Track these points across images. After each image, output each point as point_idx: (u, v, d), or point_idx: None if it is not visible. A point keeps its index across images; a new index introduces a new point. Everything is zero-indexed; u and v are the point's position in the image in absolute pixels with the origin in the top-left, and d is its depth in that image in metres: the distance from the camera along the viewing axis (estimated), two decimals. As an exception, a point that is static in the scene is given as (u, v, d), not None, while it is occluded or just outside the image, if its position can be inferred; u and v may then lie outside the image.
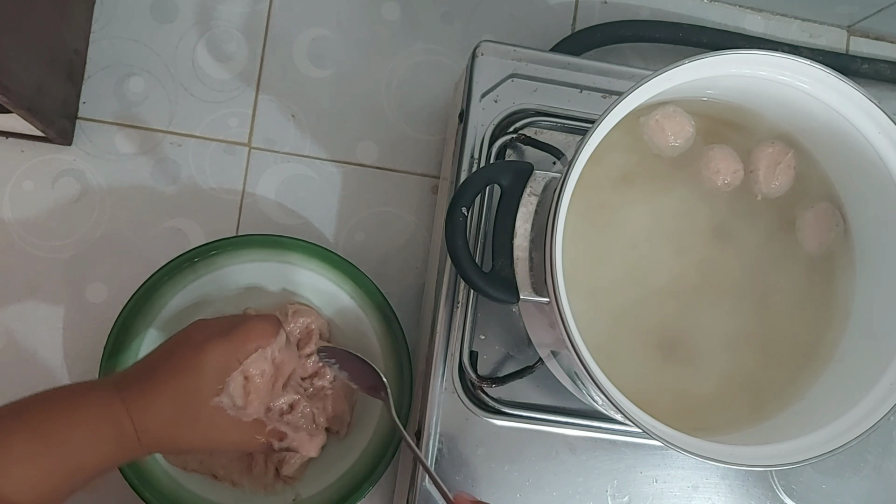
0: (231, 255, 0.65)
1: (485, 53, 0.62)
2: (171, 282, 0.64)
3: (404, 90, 0.75)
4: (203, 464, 0.63)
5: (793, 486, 0.61)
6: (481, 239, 0.59)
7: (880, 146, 0.49)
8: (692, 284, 0.54)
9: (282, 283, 0.67)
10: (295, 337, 0.64)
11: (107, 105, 0.71)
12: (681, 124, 0.53)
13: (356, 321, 0.66)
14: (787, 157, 0.53)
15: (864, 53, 0.81)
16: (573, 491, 0.58)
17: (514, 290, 0.50)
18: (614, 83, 0.63)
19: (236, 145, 0.72)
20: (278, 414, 0.59)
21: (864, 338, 0.52)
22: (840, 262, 0.55)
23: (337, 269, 0.66)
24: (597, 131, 0.45)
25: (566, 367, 0.52)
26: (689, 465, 0.60)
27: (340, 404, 0.64)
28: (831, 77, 0.48)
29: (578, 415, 0.59)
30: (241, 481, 0.63)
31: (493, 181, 0.52)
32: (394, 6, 0.75)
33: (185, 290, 0.65)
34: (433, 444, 0.57)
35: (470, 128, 0.61)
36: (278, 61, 0.73)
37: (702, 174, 0.54)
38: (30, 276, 0.68)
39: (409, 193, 0.74)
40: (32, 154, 0.69)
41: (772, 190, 0.54)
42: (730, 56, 0.48)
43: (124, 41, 0.71)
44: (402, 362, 0.65)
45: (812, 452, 0.46)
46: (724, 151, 0.54)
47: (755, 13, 0.80)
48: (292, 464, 0.62)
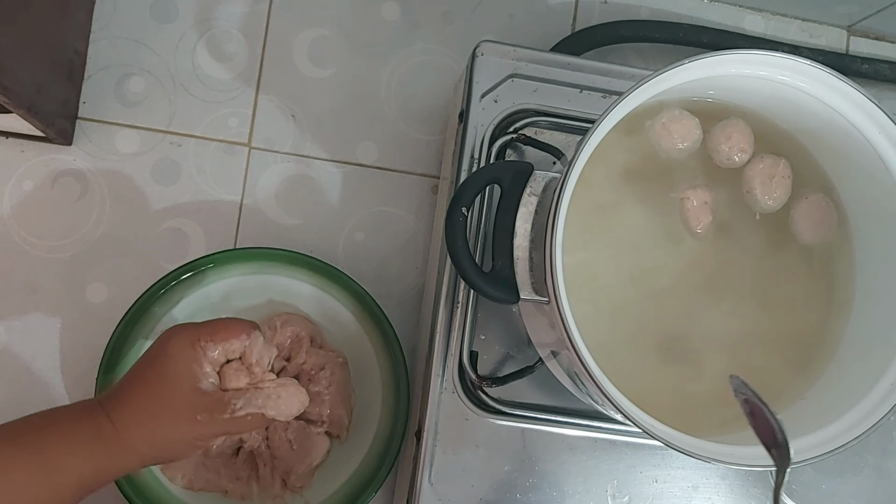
0: (220, 270, 0.65)
1: (485, 53, 0.62)
2: (163, 298, 0.64)
3: (404, 90, 0.75)
4: (210, 482, 0.63)
5: (793, 486, 0.61)
6: (481, 239, 0.59)
7: (880, 146, 0.49)
8: (692, 284, 0.54)
9: (269, 294, 0.67)
10: (286, 347, 0.64)
11: (107, 105, 0.71)
12: (687, 127, 0.53)
13: (348, 326, 0.67)
14: (779, 167, 0.53)
15: (864, 53, 0.81)
16: (573, 491, 0.58)
17: (514, 290, 0.50)
18: (614, 83, 0.63)
19: (236, 145, 0.72)
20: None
21: (864, 338, 0.52)
22: (840, 262, 0.55)
23: (325, 277, 0.66)
24: (597, 131, 0.45)
25: (566, 367, 0.52)
26: (689, 465, 0.60)
27: (338, 409, 0.64)
28: (831, 77, 0.48)
29: (578, 415, 0.59)
30: (251, 495, 0.63)
31: (493, 181, 0.52)
32: (394, 6, 0.75)
33: (177, 308, 0.65)
34: (433, 444, 0.57)
35: (470, 128, 0.61)
36: (278, 61, 0.73)
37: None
38: (30, 276, 0.68)
39: (409, 193, 0.74)
40: (32, 154, 0.69)
41: (771, 205, 0.53)
42: (730, 56, 0.48)
43: (124, 41, 0.71)
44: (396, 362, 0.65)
45: (812, 452, 0.46)
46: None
47: (755, 13, 0.80)
48: (299, 473, 0.62)
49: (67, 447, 0.48)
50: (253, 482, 0.63)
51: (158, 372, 0.51)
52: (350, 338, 0.67)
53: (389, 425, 0.64)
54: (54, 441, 0.48)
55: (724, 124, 0.53)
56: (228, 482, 0.63)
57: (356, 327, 0.66)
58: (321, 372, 0.64)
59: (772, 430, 0.43)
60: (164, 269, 0.66)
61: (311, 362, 0.64)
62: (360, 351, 0.66)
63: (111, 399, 0.51)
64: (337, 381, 0.64)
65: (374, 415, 0.65)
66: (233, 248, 0.69)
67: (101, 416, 0.49)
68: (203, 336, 0.52)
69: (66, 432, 0.48)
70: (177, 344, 0.51)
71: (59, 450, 0.48)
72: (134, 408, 0.50)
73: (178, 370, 0.51)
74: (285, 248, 0.66)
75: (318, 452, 0.63)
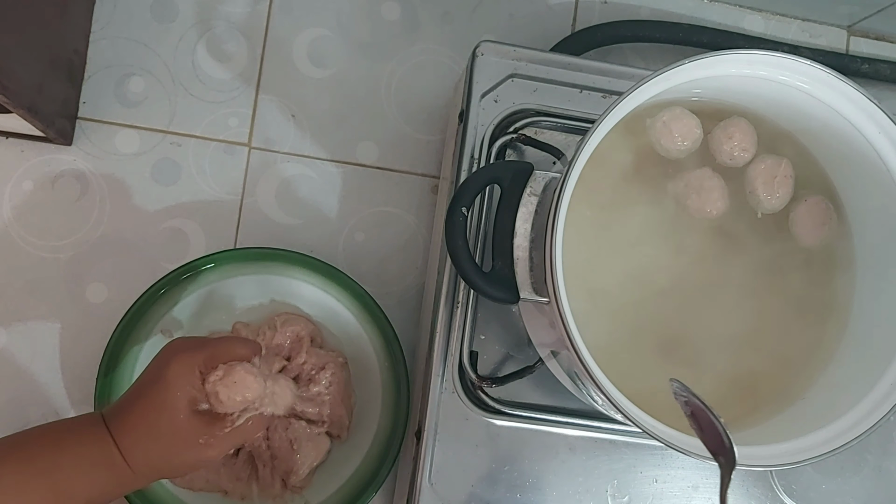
0: (220, 270, 0.65)
1: (485, 53, 0.62)
2: (163, 298, 0.64)
3: (404, 90, 0.75)
4: (210, 482, 0.63)
5: (793, 486, 0.61)
6: (481, 239, 0.59)
7: (880, 146, 0.49)
8: (692, 284, 0.54)
9: (269, 294, 0.67)
10: (285, 347, 0.64)
11: (107, 105, 0.71)
12: (688, 126, 0.53)
13: (348, 326, 0.67)
14: (781, 168, 0.53)
15: (864, 53, 0.81)
16: (573, 491, 0.58)
17: (514, 290, 0.50)
18: (614, 83, 0.63)
19: (236, 145, 0.72)
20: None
21: (864, 338, 0.52)
22: (840, 262, 0.55)
23: (325, 277, 0.66)
24: (597, 131, 0.45)
25: (566, 367, 0.52)
26: (689, 465, 0.60)
27: (338, 409, 0.64)
28: (831, 77, 0.48)
29: (578, 415, 0.59)
30: (251, 495, 0.63)
31: (493, 181, 0.52)
32: (394, 6, 0.75)
33: (177, 308, 0.65)
34: (433, 444, 0.57)
35: (470, 128, 0.61)
36: (278, 61, 0.73)
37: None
38: (30, 277, 0.68)
39: (409, 193, 0.74)
40: (32, 154, 0.69)
41: (774, 205, 0.53)
42: (730, 56, 0.48)
43: (124, 41, 0.71)
44: (396, 362, 0.65)
45: (812, 452, 0.46)
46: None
47: (755, 13, 0.80)
48: (300, 473, 0.62)
49: (78, 471, 0.49)
50: (253, 482, 0.63)
51: (158, 399, 0.51)
52: (350, 338, 0.67)
53: (389, 425, 0.64)
54: (66, 464, 0.49)
55: (727, 123, 0.53)
56: (228, 482, 0.63)
57: (356, 327, 0.66)
58: (321, 372, 0.64)
59: (717, 434, 0.43)
60: (164, 269, 0.66)
61: (312, 362, 0.64)
62: (360, 351, 0.66)
63: (115, 421, 0.51)
64: (337, 381, 0.64)
65: (374, 415, 0.65)
66: (233, 248, 0.69)
67: (109, 442, 0.50)
68: (204, 362, 0.52)
69: (77, 456, 0.49)
70: (176, 370, 0.51)
71: (71, 473, 0.49)
72: (138, 435, 0.50)
73: (177, 398, 0.51)
74: (285, 248, 0.66)
75: (319, 452, 0.63)
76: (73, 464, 0.49)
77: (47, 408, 0.67)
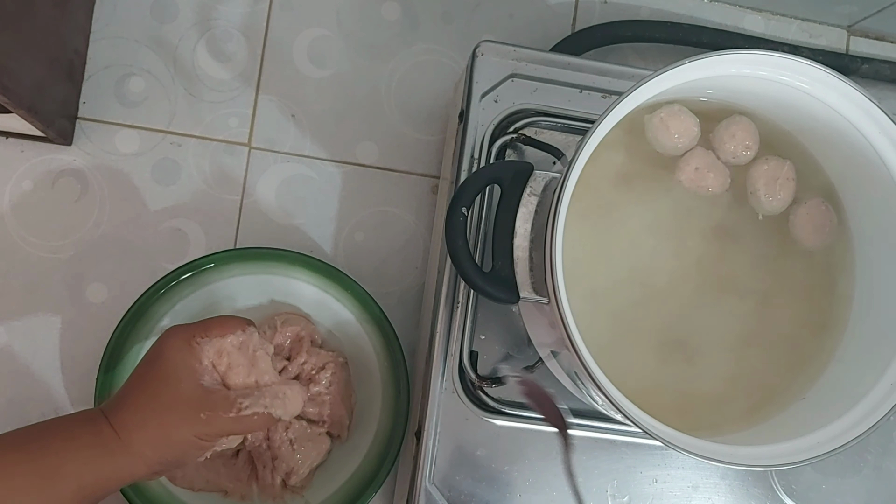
0: (220, 270, 0.65)
1: (485, 53, 0.62)
2: (163, 298, 0.64)
3: (404, 90, 0.75)
4: (210, 482, 0.63)
5: (793, 486, 0.61)
6: (481, 239, 0.59)
7: (880, 146, 0.49)
8: (692, 284, 0.54)
9: (269, 294, 0.67)
10: (286, 347, 0.64)
11: (107, 105, 0.71)
12: (685, 123, 0.53)
13: (348, 326, 0.67)
14: (784, 169, 0.53)
15: (864, 53, 0.81)
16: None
17: (514, 290, 0.50)
18: (614, 83, 0.63)
19: (236, 145, 0.72)
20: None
21: (864, 337, 0.52)
22: (840, 262, 0.55)
23: (325, 277, 0.66)
24: (597, 131, 0.45)
25: (566, 367, 0.52)
26: (689, 465, 0.60)
27: (339, 409, 0.64)
28: (831, 77, 0.48)
29: (578, 415, 0.59)
30: (251, 495, 0.63)
31: (493, 181, 0.52)
32: (394, 6, 0.75)
33: (177, 308, 0.65)
34: (433, 444, 0.57)
35: (470, 128, 0.61)
36: (278, 61, 0.73)
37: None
38: (30, 276, 0.68)
39: (409, 193, 0.74)
40: (32, 154, 0.69)
41: (775, 206, 0.53)
42: (730, 56, 0.48)
43: (124, 41, 0.71)
44: (396, 362, 0.65)
45: (812, 452, 0.46)
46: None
47: (755, 13, 0.80)
48: (300, 473, 0.62)
49: (67, 453, 0.48)
50: (253, 482, 0.63)
51: (157, 373, 0.51)
52: (350, 338, 0.67)
53: (389, 425, 0.64)
54: (55, 448, 0.48)
55: (729, 122, 0.53)
56: (228, 482, 0.63)
57: (356, 327, 0.66)
58: (321, 372, 0.64)
59: (553, 406, 0.49)
60: (164, 269, 0.66)
61: (312, 362, 0.64)
62: (360, 351, 0.66)
63: (112, 405, 0.51)
64: (337, 381, 0.64)
65: (374, 415, 0.65)
66: (233, 248, 0.69)
67: (102, 422, 0.49)
68: (198, 333, 0.52)
69: (67, 439, 0.48)
70: (173, 344, 0.52)
71: (60, 456, 0.47)
72: (135, 410, 0.50)
73: (177, 368, 0.51)
74: (285, 248, 0.66)
75: (319, 452, 0.63)
76: (62, 446, 0.48)
77: (47, 407, 0.67)
